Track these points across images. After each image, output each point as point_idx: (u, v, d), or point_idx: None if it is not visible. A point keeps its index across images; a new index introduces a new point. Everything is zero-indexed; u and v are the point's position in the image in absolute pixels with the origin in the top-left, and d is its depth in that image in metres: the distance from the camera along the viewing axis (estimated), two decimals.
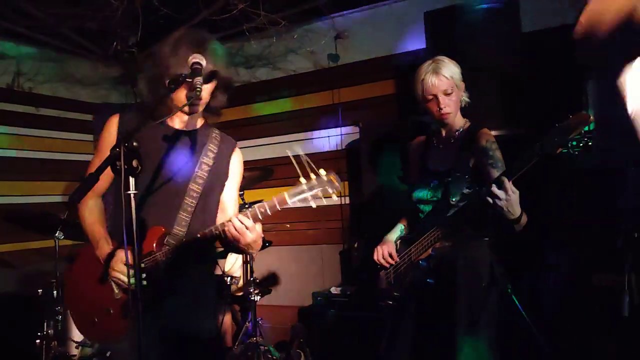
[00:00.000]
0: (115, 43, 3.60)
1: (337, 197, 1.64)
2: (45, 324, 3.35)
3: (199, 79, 1.65)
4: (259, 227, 1.75)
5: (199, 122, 2.03)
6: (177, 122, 1.96)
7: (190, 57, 1.71)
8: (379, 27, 4.27)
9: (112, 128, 1.94)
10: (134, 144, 1.38)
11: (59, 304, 3.29)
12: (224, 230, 1.73)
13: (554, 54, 3.46)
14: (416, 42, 3.79)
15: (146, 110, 1.87)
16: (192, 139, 1.96)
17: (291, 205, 1.65)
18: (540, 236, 2.87)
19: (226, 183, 2.04)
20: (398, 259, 2.40)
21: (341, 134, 4.46)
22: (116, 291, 1.88)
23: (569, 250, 2.96)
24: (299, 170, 1.61)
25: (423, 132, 2.58)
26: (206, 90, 1.84)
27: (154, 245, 1.83)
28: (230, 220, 1.73)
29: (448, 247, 2.22)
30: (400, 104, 4.22)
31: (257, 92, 4.80)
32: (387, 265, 2.41)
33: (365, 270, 3.65)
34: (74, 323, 2.03)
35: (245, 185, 3.81)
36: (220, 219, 2.00)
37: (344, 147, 4.46)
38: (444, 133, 2.38)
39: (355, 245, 3.95)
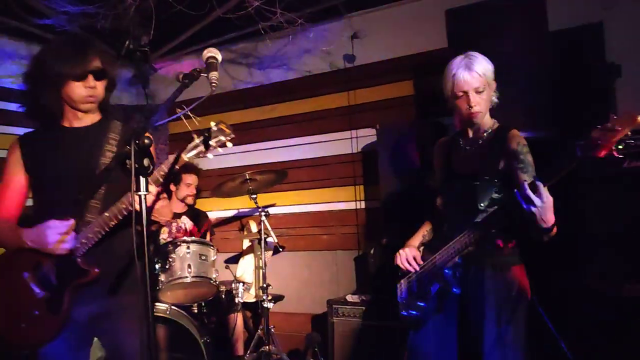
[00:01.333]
0: (127, 42, 3.52)
1: (232, 144, 1.74)
2: None
3: (214, 74, 1.58)
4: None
5: (96, 117, 2.08)
6: (74, 122, 2.03)
7: (205, 52, 1.66)
8: (397, 26, 4.16)
9: (15, 155, 2.01)
10: (146, 141, 1.28)
11: None
12: (129, 202, 1.78)
13: (582, 53, 3.36)
14: (436, 42, 3.67)
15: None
16: (93, 132, 2.04)
17: (187, 160, 1.74)
18: (570, 244, 2.74)
19: None
20: (422, 266, 2.28)
21: (357, 136, 4.35)
22: (37, 290, 1.88)
23: (599, 260, 2.83)
24: (189, 128, 1.67)
25: (443, 134, 2.48)
26: (100, 86, 1.97)
27: None
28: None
29: (476, 255, 2.10)
30: (419, 105, 4.10)
31: (270, 93, 4.71)
32: (412, 270, 2.30)
33: (384, 277, 3.54)
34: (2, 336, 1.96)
35: (258, 189, 3.73)
36: None
37: (360, 149, 4.35)
38: (471, 134, 2.26)
39: (372, 251, 3.83)
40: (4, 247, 2.00)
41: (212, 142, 1.70)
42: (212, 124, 1.72)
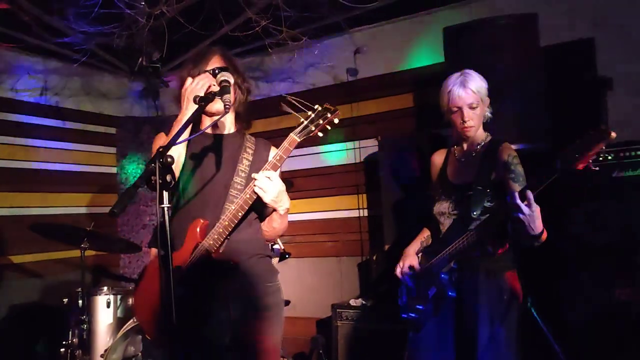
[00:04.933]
0: (140, 59, 3.70)
1: (337, 120, 1.86)
2: (70, 332, 3.41)
3: (227, 97, 1.72)
4: (278, 178, 1.91)
5: (233, 128, 2.18)
6: (215, 129, 2.10)
7: (219, 76, 1.80)
8: (397, 42, 4.31)
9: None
10: (169, 159, 1.44)
11: (84, 313, 3.36)
12: (253, 191, 1.86)
13: (573, 68, 3.49)
14: (435, 57, 3.82)
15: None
16: (230, 140, 2.12)
17: (299, 141, 1.86)
18: (561, 250, 2.87)
19: None
20: (420, 272, 2.42)
21: (360, 147, 4.49)
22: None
23: (591, 265, 2.94)
24: (294, 113, 1.82)
25: (441, 145, 2.61)
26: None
27: (198, 236, 1.91)
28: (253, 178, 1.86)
29: (470, 260, 2.23)
30: (419, 117, 4.24)
31: (276, 105, 4.83)
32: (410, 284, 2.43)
33: (386, 282, 3.66)
34: (153, 343, 2.02)
35: None
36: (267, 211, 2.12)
37: (362, 159, 4.49)
38: (465, 146, 2.40)
39: (374, 257, 3.96)
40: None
41: (321, 121, 1.81)
42: (315, 106, 1.83)
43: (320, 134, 1.86)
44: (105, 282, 3.64)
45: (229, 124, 2.16)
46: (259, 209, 2.08)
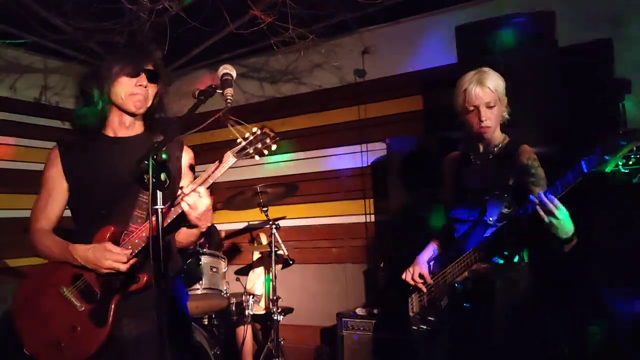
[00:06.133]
0: None
1: (275, 146, 1.73)
2: None
3: (229, 90, 1.60)
4: (207, 196, 1.75)
5: (139, 129, 2.03)
6: (119, 131, 1.98)
7: (221, 68, 1.68)
8: (407, 42, 4.21)
9: (56, 162, 1.96)
10: (163, 156, 1.31)
11: None
12: (179, 205, 1.72)
13: (591, 69, 3.37)
14: (446, 57, 3.70)
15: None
16: (137, 140, 1.98)
17: (232, 162, 1.73)
18: (580, 259, 2.74)
19: (181, 181, 2.01)
20: (432, 281, 2.29)
21: (367, 150, 4.38)
22: (78, 304, 1.81)
23: (613, 273, 2.82)
24: (234, 132, 1.69)
25: (452, 149, 2.50)
26: (151, 90, 1.94)
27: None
28: (181, 189, 1.72)
29: (486, 270, 2.11)
30: (428, 120, 4.13)
31: (281, 107, 4.76)
32: (421, 287, 2.31)
33: (393, 291, 3.54)
34: (37, 358, 1.84)
35: (269, 201, 3.76)
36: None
37: (369, 163, 4.38)
38: (481, 148, 2.28)
39: (381, 265, 3.84)
40: (47, 259, 1.92)
41: (259, 145, 1.70)
42: (254, 129, 1.74)
43: (257, 157, 1.74)
44: None
45: (137, 126, 2.02)
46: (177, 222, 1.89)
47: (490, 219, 2.12)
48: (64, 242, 1.87)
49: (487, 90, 2.14)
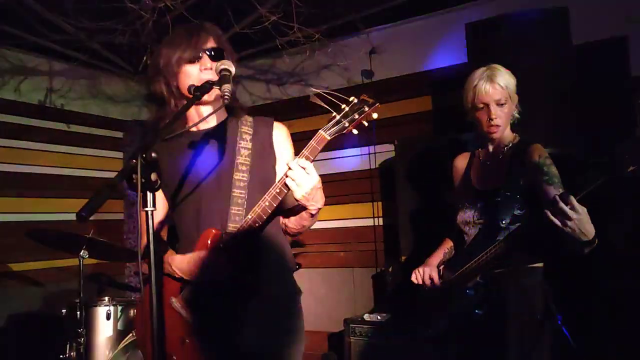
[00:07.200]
0: (145, 57, 3.54)
1: (376, 115, 1.58)
2: (67, 345, 3.25)
3: (227, 87, 1.51)
4: (314, 171, 1.63)
5: (223, 115, 1.86)
6: (200, 124, 1.80)
7: (219, 64, 1.60)
8: (415, 42, 4.14)
9: None
10: (153, 155, 1.23)
11: (81, 326, 3.18)
12: (284, 184, 1.59)
13: (606, 67, 3.27)
14: (456, 56, 3.62)
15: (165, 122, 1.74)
16: (221, 130, 1.81)
17: (329, 139, 1.61)
18: (593, 263, 2.63)
19: (276, 162, 1.85)
20: (441, 285, 2.20)
21: (375, 152, 4.29)
22: (184, 314, 1.66)
23: (628, 279, 2.71)
24: (327, 107, 1.58)
25: (461, 150, 2.41)
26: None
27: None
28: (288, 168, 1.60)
29: (498, 275, 2.02)
30: (437, 121, 4.05)
31: (288, 109, 4.69)
32: (430, 287, 2.22)
33: (402, 296, 3.45)
34: None
35: None
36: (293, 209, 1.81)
37: (377, 165, 4.29)
38: (491, 148, 2.19)
39: (390, 269, 3.76)
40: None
41: (355, 115, 1.56)
42: (352, 98, 1.59)
43: (354, 132, 1.60)
44: (108, 292, 3.45)
45: (220, 113, 1.83)
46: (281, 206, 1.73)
47: (503, 221, 2.02)
48: (166, 252, 1.76)
49: (497, 87, 2.06)
